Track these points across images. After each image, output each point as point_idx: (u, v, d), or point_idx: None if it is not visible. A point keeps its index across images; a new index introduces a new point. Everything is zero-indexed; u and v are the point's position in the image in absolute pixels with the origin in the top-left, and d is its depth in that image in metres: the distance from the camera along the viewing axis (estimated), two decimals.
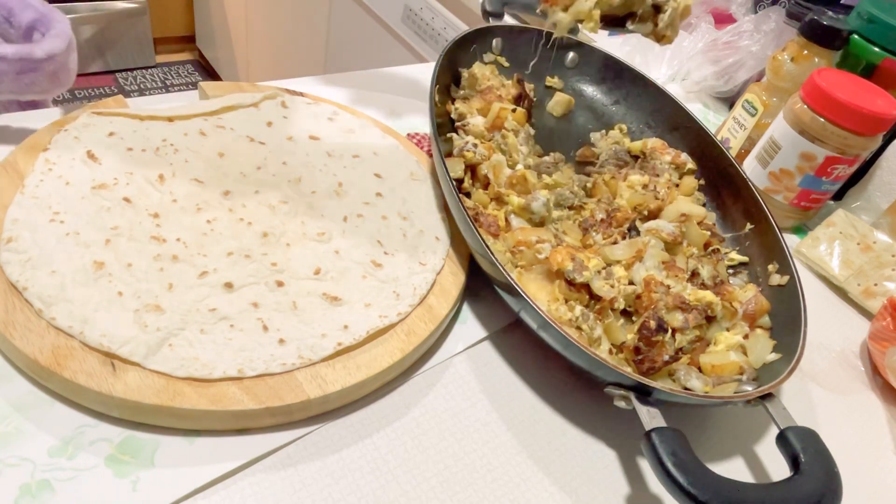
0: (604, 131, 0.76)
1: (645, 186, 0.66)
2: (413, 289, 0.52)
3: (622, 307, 0.54)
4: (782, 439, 0.46)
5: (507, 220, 0.59)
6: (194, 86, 0.69)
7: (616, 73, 0.78)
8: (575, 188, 0.63)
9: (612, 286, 0.53)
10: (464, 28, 0.75)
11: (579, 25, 0.65)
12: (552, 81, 0.78)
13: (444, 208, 0.60)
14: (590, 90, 0.79)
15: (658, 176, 0.68)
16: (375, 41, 1.50)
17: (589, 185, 0.66)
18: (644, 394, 0.45)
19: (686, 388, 0.50)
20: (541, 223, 0.59)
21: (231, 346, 0.45)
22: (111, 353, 0.42)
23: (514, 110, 0.68)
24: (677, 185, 0.69)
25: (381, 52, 1.49)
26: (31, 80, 0.56)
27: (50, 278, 0.45)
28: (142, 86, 2.51)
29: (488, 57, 0.75)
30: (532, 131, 0.69)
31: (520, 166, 0.63)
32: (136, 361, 0.42)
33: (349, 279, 0.52)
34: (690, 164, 0.70)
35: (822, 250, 0.71)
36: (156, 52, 2.58)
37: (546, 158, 0.67)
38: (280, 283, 0.49)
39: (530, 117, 0.74)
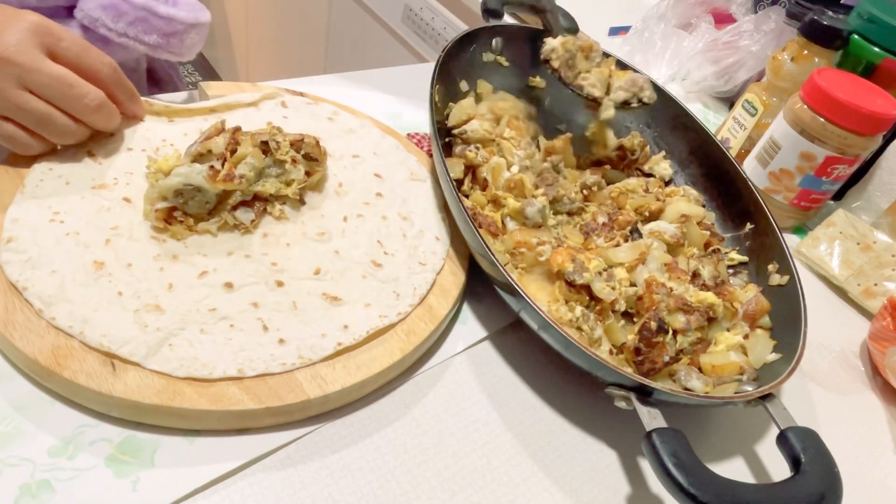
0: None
1: (646, 190, 0.67)
2: (413, 289, 0.52)
3: (623, 309, 0.54)
4: (782, 439, 0.46)
5: (502, 222, 0.59)
6: (194, 86, 0.69)
7: None
8: (573, 194, 0.63)
9: (613, 288, 0.53)
10: (464, 28, 0.75)
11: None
12: None
13: (444, 208, 0.60)
14: None
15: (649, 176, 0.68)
16: (375, 41, 1.50)
17: (590, 182, 0.66)
18: (644, 394, 0.45)
19: (686, 389, 0.50)
20: (536, 227, 0.59)
21: (231, 346, 0.45)
22: (111, 353, 0.42)
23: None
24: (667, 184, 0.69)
25: (381, 52, 1.48)
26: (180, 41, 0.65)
27: (50, 278, 0.45)
28: None
29: (487, 56, 0.75)
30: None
31: (515, 168, 0.62)
32: (136, 361, 0.42)
33: (349, 279, 0.52)
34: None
35: (822, 250, 0.71)
36: None
37: (545, 164, 0.66)
38: (280, 283, 0.49)
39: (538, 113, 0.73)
